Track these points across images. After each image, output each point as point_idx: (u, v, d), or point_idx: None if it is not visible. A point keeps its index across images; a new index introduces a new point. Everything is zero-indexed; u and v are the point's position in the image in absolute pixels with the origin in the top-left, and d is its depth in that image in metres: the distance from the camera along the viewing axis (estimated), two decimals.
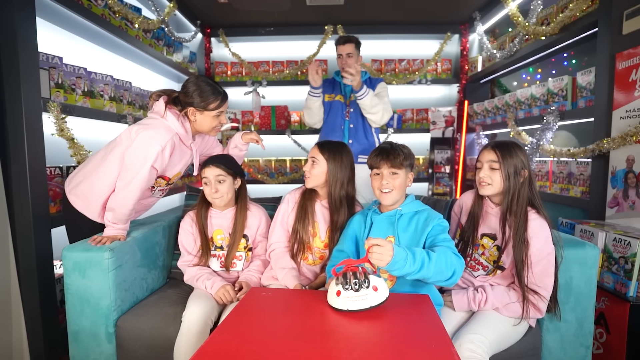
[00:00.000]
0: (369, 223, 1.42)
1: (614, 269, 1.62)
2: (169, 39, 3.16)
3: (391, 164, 1.35)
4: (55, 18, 2.06)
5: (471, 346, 1.20)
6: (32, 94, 1.67)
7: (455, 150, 3.75)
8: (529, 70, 3.70)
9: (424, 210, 1.39)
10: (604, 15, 1.98)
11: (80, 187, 1.59)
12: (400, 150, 1.38)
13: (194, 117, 1.57)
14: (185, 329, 1.36)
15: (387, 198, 1.37)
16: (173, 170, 1.63)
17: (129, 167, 1.49)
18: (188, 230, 1.67)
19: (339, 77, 2.54)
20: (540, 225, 1.34)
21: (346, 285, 1.07)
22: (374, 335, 0.95)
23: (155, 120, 1.53)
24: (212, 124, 1.59)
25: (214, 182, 1.59)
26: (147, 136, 1.47)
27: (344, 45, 2.41)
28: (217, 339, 0.92)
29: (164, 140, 1.48)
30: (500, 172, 1.36)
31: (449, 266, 1.20)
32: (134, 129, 1.52)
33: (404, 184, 1.37)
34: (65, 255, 1.42)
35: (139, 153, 1.47)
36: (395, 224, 1.36)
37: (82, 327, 1.44)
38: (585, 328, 1.46)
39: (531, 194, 1.38)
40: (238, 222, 1.65)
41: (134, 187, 1.49)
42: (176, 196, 3.51)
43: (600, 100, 2.00)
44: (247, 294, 1.20)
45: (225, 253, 1.64)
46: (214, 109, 1.56)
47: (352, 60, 2.41)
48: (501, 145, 1.39)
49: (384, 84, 2.55)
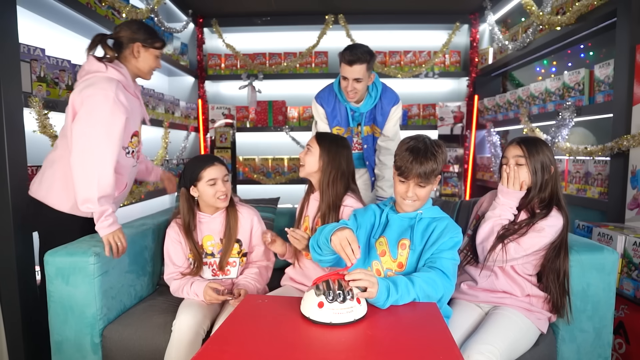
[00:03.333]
0: (385, 220, 1.42)
1: (634, 275, 1.62)
2: (159, 30, 3.16)
3: (421, 177, 1.29)
4: (37, 7, 2.06)
5: (481, 357, 1.20)
6: (13, 88, 1.67)
7: (464, 149, 3.75)
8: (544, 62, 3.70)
9: (443, 219, 1.39)
10: (623, 4, 1.98)
11: (57, 183, 1.58)
12: (435, 158, 1.30)
13: (138, 54, 1.64)
14: (176, 339, 1.36)
15: (409, 206, 1.37)
16: (136, 120, 1.67)
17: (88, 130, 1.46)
18: (175, 239, 1.64)
19: (344, 99, 2.13)
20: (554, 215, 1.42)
21: (330, 297, 1.03)
22: (377, 345, 0.95)
23: (92, 77, 1.53)
24: (152, 64, 1.70)
25: (221, 181, 1.59)
26: (94, 91, 1.48)
27: (350, 67, 1.94)
28: (210, 349, 0.92)
29: (110, 88, 1.49)
30: (527, 167, 1.41)
31: (437, 291, 1.23)
32: (76, 99, 1.50)
33: (429, 194, 1.37)
34: (47, 261, 1.43)
35: (92, 114, 1.47)
36: (414, 227, 1.36)
37: (66, 337, 1.44)
38: (604, 338, 1.46)
39: (556, 191, 1.44)
40: (231, 225, 1.64)
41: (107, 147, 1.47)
42: (166, 197, 3.51)
43: (620, 94, 1.99)
44: (242, 302, 1.20)
45: (218, 260, 1.64)
46: (159, 48, 1.69)
47: (360, 86, 2.00)
48: (527, 141, 1.44)
49: (400, 110, 2.19)
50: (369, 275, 1.10)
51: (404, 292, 1.16)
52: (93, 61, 1.57)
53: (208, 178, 1.56)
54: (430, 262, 1.30)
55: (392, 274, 1.35)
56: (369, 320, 1.06)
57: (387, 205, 1.46)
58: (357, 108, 2.15)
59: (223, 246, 1.64)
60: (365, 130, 2.20)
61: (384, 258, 1.37)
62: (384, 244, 1.38)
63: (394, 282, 1.16)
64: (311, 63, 3.88)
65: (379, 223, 1.43)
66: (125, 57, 1.64)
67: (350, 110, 2.15)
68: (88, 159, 1.46)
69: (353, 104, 2.14)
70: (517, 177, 1.42)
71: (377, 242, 1.39)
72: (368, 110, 2.15)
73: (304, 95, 4.06)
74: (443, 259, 1.29)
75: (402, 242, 1.36)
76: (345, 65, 1.96)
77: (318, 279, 1.11)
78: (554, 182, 1.44)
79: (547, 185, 1.43)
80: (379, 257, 1.38)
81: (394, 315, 1.10)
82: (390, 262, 1.36)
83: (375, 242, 1.40)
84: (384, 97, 2.14)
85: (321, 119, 2.21)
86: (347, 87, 2.01)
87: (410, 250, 1.34)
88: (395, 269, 1.35)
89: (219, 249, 1.64)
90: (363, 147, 2.24)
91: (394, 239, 1.37)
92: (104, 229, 1.46)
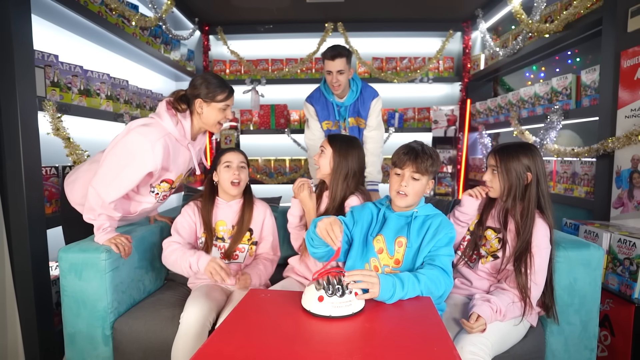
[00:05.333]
0: (382, 218, 1.42)
1: (618, 271, 1.62)
2: (167, 37, 3.16)
3: (416, 167, 1.32)
4: (51, 15, 2.07)
5: (473, 349, 1.20)
6: (28, 92, 1.67)
7: (457, 150, 3.75)
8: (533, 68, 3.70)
9: (437, 215, 1.39)
10: (608, 12, 1.98)
11: (79, 182, 1.60)
12: (430, 155, 1.34)
13: (201, 110, 1.58)
14: (183, 332, 1.36)
15: (401, 201, 1.35)
16: (176, 171, 1.62)
17: (114, 157, 1.48)
18: (190, 215, 1.67)
19: (330, 96, 2.33)
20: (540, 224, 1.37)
21: (330, 292, 1.05)
22: (374, 338, 0.95)
23: (151, 120, 1.55)
24: (217, 117, 1.60)
25: (236, 166, 1.64)
26: (139, 132, 1.47)
27: (333, 61, 2.16)
28: (215, 341, 0.92)
29: (154, 138, 1.47)
30: (498, 176, 1.41)
31: (439, 288, 1.23)
32: (132, 124, 1.52)
33: (422, 191, 1.36)
34: (61, 257, 1.43)
35: (127, 147, 1.47)
36: (411, 224, 1.36)
37: (79, 330, 1.44)
38: (590, 330, 1.46)
39: (540, 196, 1.39)
40: (245, 214, 1.68)
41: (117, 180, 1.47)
42: (174, 197, 3.51)
43: (605, 98, 2.00)
44: (245, 297, 1.20)
45: (227, 245, 1.66)
46: (221, 101, 1.58)
47: (343, 78, 2.20)
48: (502, 150, 1.42)
49: (380, 103, 2.35)
50: (367, 276, 1.11)
51: (409, 288, 1.16)
52: (163, 105, 1.56)
53: (225, 161, 1.64)
54: (429, 259, 1.31)
55: (389, 270, 1.35)
56: (367, 314, 1.06)
57: (383, 204, 1.45)
58: (341, 103, 2.33)
59: (234, 233, 1.66)
60: (350, 122, 2.36)
61: (382, 255, 1.37)
62: (381, 242, 1.38)
63: (400, 279, 1.16)
64: (311, 69, 3.88)
65: (377, 221, 1.42)
66: (193, 111, 1.60)
67: (336, 106, 2.34)
68: (100, 181, 1.47)
69: (337, 99, 2.33)
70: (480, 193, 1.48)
71: (375, 239, 1.39)
72: (351, 103, 2.33)
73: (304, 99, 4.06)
74: (441, 256, 1.30)
75: (398, 240, 1.36)
76: (328, 61, 2.18)
77: (318, 274, 1.11)
78: (535, 189, 1.38)
79: (526, 191, 1.38)
80: (376, 254, 1.38)
81: (390, 309, 1.10)
82: (387, 259, 1.36)
83: (373, 240, 1.39)
84: (365, 92, 2.33)
85: (311, 116, 2.40)
86: (332, 81, 2.21)
87: (407, 248, 1.34)
88: (392, 266, 1.35)
89: (230, 235, 1.67)
90: None
91: (391, 237, 1.37)
92: (100, 238, 1.48)
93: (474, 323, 1.24)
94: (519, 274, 1.33)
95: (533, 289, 1.33)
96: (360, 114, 2.34)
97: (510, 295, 1.34)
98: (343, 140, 1.64)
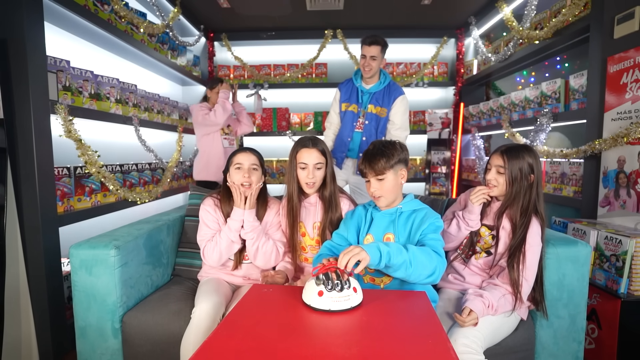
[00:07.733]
0: (370, 219, 1.42)
1: (605, 267, 1.62)
2: (173, 43, 3.16)
3: (374, 171, 1.32)
4: (63, 23, 2.06)
5: (466, 341, 1.20)
6: (41, 96, 1.67)
7: (451, 151, 3.75)
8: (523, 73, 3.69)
9: (422, 209, 1.38)
10: (595, 20, 1.98)
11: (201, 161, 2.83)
12: (381, 153, 1.32)
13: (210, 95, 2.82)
14: (195, 326, 1.34)
15: (379, 202, 1.37)
16: None
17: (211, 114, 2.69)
18: (210, 209, 1.59)
19: (358, 81, 2.41)
20: (534, 222, 1.36)
21: (329, 286, 1.05)
22: (371, 331, 0.95)
23: None
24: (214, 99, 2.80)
25: (247, 168, 1.53)
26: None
27: (369, 47, 2.26)
28: (220, 335, 0.92)
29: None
30: (505, 176, 1.38)
31: (430, 261, 1.20)
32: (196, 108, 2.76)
33: (394, 186, 1.34)
34: (72, 253, 1.42)
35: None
36: (395, 221, 1.36)
37: (89, 323, 1.44)
38: (578, 324, 1.46)
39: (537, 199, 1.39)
40: (258, 216, 1.57)
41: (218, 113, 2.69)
42: (180, 196, 3.51)
43: (592, 102, 2.00)
44: (248, 292, 1.19)
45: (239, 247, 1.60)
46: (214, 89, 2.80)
47: (375, 64, 2.29)
48: (510, 151, 1.40)
49: (406, 103, 2.37)
50: (350, 252, 1.10)
51: (394, 249, 1.15)
52: None
53: (235, 162, 1.55)
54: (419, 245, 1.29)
55: None
56: (365, 308, 1.06)
57: (371, 205, 1.45)
58: (366, 89, 2.39)
59: None
60: (369, 108, 2.39)
61: None
62: (370, 240, 1.38)
63: (384, 243, 1.17)
64: (312, 74, 3.88)
65: (365, 221, 1.42)
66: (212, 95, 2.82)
67: (360, 91, 2.40)
68: None
69: (364, 86, 2.40)
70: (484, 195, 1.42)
71: (365, 239, 1.39)
72: (375, 91, 2.38)
73: (305, 102, 4.06)
74: (430, 240, 1.28)
75: (386, 236, 1.36)
76: (365, 46, 2.29)
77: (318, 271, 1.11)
78: (535, 190, 1.38)
79: (527, 191, 1.38)
80: None
81: (387, 303, 1.10)
82: None
83: (364, 240, 1.39)
84: (392, 86, 2.40)
85: (336, 101, 2.52)
86: (364, 64, 2.31)
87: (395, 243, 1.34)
88: None
89: None
90: (364, 122, 2.40)
91: (379, 234, 1.37)
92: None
93: (466, 317, 1.24)
94: (512, 270, 1.33)
95: (524, 284, 1.33)
96: (382, 103, 2.37)
97: (502, 291, 1.34)
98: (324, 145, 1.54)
